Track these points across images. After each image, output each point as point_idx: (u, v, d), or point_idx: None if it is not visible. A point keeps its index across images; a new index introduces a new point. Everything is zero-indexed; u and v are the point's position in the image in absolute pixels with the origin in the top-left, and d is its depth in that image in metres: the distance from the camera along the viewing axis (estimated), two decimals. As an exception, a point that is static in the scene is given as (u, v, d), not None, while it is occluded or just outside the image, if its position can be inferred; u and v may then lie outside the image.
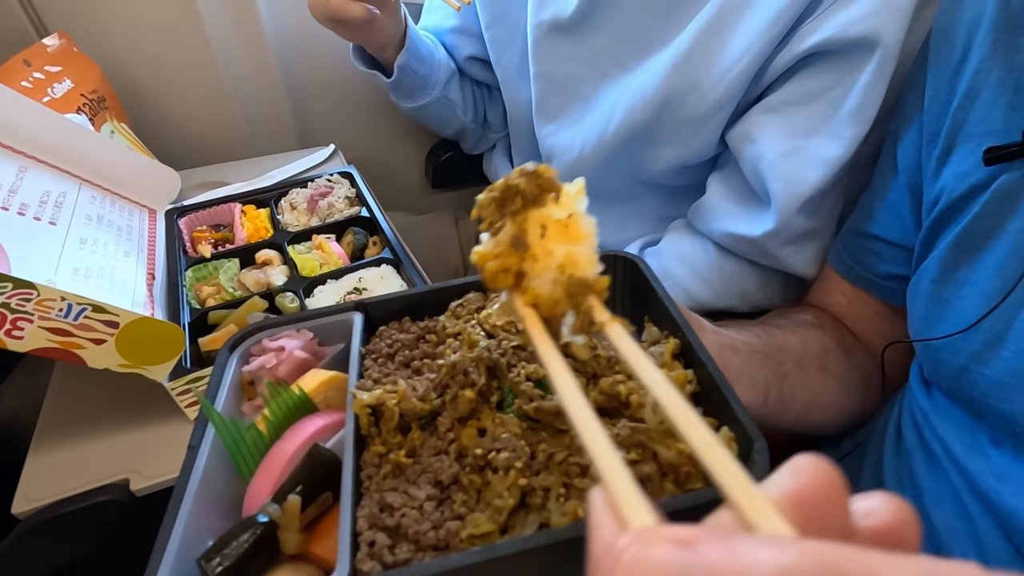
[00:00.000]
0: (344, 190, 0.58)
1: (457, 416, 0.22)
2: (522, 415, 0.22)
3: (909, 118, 0.40)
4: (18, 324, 0.31)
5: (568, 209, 0.19)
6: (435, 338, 0.26)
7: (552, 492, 0.20)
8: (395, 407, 0.22)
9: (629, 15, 0.54)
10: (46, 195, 0.44)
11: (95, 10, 0.64)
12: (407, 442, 0.22)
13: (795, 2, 0.43)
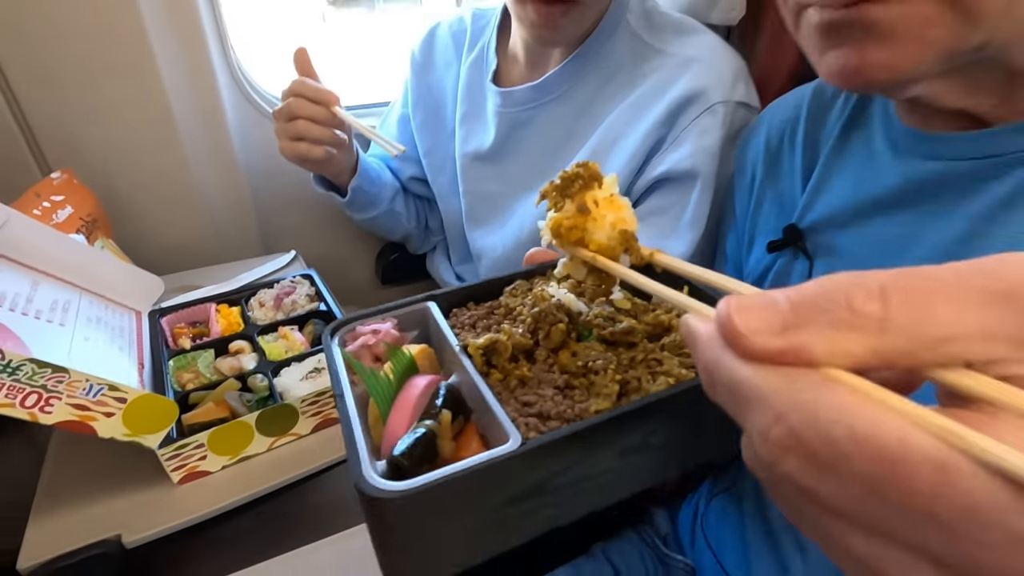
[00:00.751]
0: (305, 289, 0.70)
1: (552, 347, 0.30)
2: (600, 339, 0.31)
3: (729, 221, 0.56)
4: (50, 401, 0.40)
5: (610, 190, 0.28)
6: (502, 311, 0.34)
7: (643, 379, 0.28)
8: (507, 342, 0.29)
9: (532, 150, 0.70)
10: (55, 303, 0.53)
11: (91, 148, 0.76)
12: (520, 367, 0.29)
13: (643, 145, 0.60)
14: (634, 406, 0.26)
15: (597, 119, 0.64)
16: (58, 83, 0.72)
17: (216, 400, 0.53)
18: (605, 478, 0.27)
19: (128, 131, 0.77)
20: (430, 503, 0.23)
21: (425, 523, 0.24)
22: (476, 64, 0.75)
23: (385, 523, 0.23)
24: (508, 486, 0.25)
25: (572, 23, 0.59)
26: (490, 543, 0.26)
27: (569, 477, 0.26)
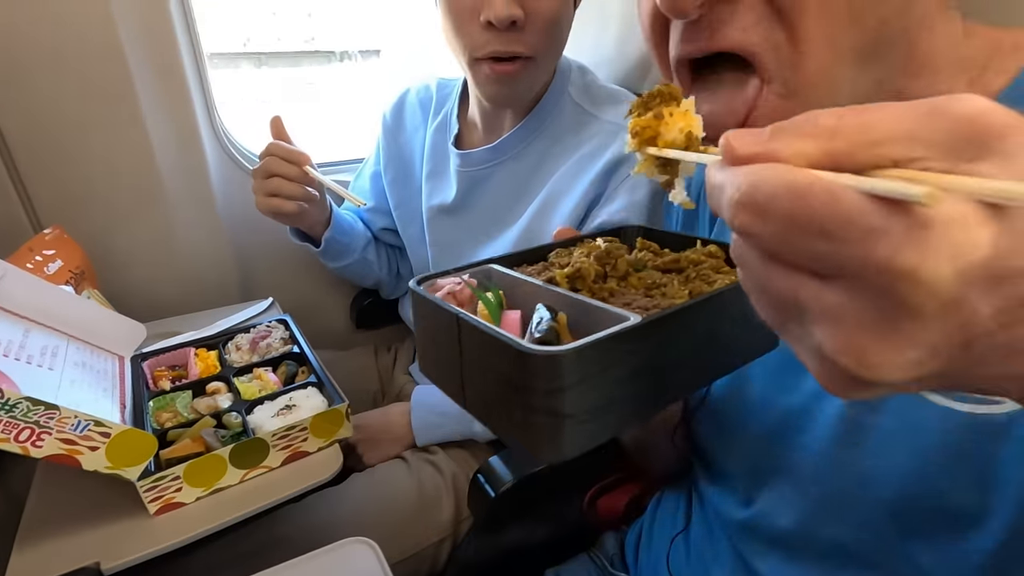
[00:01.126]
0: (280, 333, 0.75)
1: (619, 276, 0.36)
2: (655, 268, 0.37)
3: None
4: (41, 436, 0.44)
5: (687, 107, 0.33)
6: (556, 266, 0.39)
7: (700, 286, 0.34)
8: (591, 266, 0.34)
9: (489, 203, 0.78)
10: (45, 348, 0.58)
11: (81, 205, 0.82)
12: (607, 285, 0.34)
13: (584, 199, 0.68)
14: (713, 293, 0.32)
15: (546, 176, 0.73)
16: (52, 144, 0.79)
17: (192, 436, 0.57)
18: (692, 364, 0.32)
19: (117, 189, 0.84)
20: (588, 360, 0.27)
21: (586, 380, 0.27)
22: (440, 128, 0.83)
23: (560, 381, 0.26)
24: (634, 354, 0.29)
25: (523, 80, 0.67)
26: (623, 412, 0.30)
27: (678, 354, 0.31)
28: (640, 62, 0.78)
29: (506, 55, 0.62)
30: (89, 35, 0.75)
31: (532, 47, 0.63)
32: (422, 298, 0.34)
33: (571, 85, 0.73)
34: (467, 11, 0.61)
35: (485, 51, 0.62)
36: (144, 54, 0.80)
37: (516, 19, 0.60)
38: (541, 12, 0.61)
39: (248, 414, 0.60)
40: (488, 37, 0.61)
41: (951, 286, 0.15)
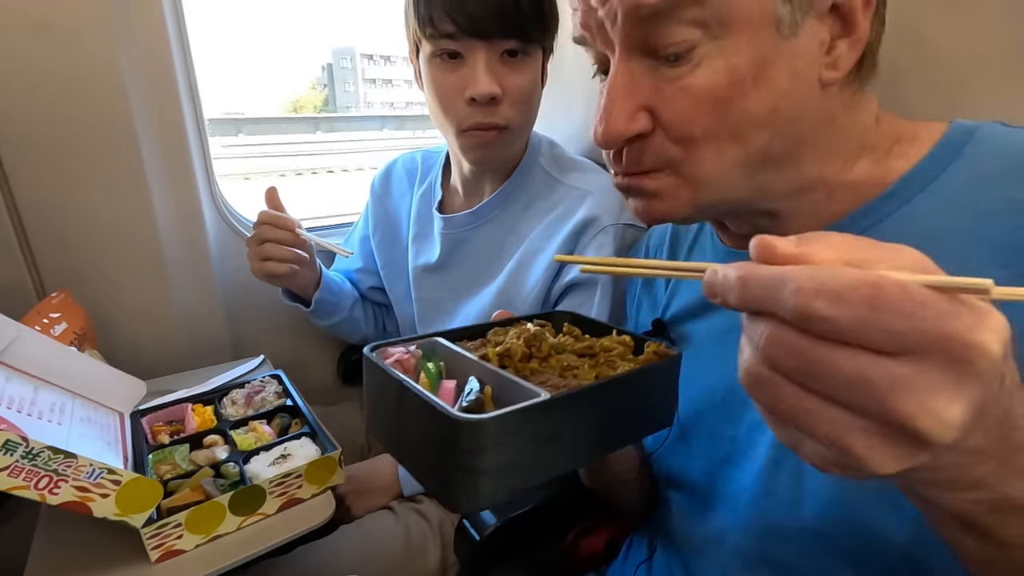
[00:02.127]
0: (274, 387, 0.79)
1: (542, 356, 0.43)
2: (572, 351, 0.45)
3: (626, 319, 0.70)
4: (58, 484, 0.48)
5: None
6: (492, 343, 0.45)
7: (606, 371, 0.42)
8: (519, 347, 0.42)
9: (470, 262, 0.85)
10: (54, 405, 0.61)
11: (85, 270, 0.87)
12: (530, 364, 0.41)
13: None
14: (615, 377, 0.40)
15: (520, 238, 0.80)
16: (61, 213, 0.84)
17: (192, 486, 0.60)
18: (593, 436, 0.39)
19: (120, 255, 0.89)
20: (506, 427, 0.33)
21: (503, 445, 0.33)
22: (425, 195, 0.91)
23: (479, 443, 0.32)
24: (544, 424, 0.35)
25: (501, 146, 0.75)
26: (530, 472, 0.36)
27: (577, 427, 0.37)
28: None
29: (486, 125, 0.71)
30: (102, 108, 0.82)
31: (507, 118, 0.72)
32: (372, 364, 0.40)
33: (542, 156, 0.82)
34: (452, 91, 0.70)
35: (469, 123, 0.71)
36: (151, 125, 0.87)
37: (495, 95, 0.69)
38: (515, 89, 0.71)
39: (245, 464, 0.64)
40: (471, 111, 0.70)
41: (1000, 355, 0.20)
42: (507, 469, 0.34)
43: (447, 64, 0.70)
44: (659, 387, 0.43)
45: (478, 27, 0.66)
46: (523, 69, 0.71)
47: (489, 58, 0.68)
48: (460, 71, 0.69)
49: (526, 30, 0.68)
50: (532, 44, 0.70)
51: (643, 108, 0.40)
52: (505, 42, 0.68)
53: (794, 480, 0.42)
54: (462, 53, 0.68)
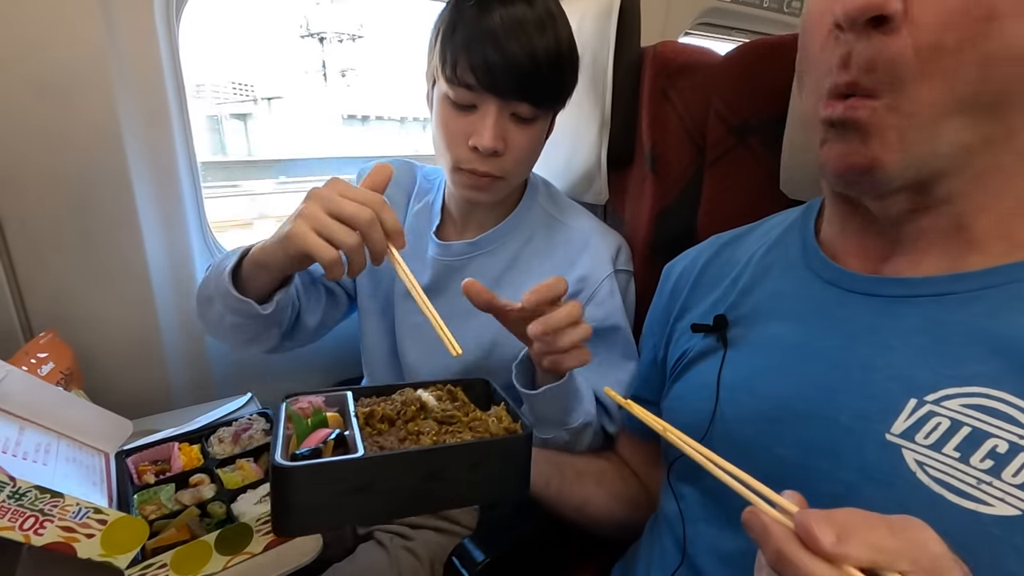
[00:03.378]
0: (261, 425, 0.79)
1: (406, 419, 0.50)
2: (434, 419, 0.51)
3: (649, 343, 0.69)
4: (44, 524, 0.47)
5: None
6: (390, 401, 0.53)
7: (452, 437, 0.48)
8: (380, 410, 0.49)
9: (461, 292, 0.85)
10: (39, 445, 0.61)
11: (73, 310, 0.87)
12: (383, 427, 0.49)
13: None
14: (428, 448, 0.45)
15: (520, 273, 0.82)
16: (54, 255, 0.85)
17: (178, 526, 0.60)
18: (411, 493, 0.45)
19: (110, 296, 0.90)
20: (311, 475, 0.41)
21: (308, 488, 0.41)
22: (422, 215, 0.88)
23: (286, 484, 0.41)
24: (352, 478, 0.42)
25: (494, 192, 0.77)
26: (340, 515, 0.43)
27: (389, 484, 0.44)
28: (584, 177, 0.92)
29: (482, 173, 0.73)
30: (99, 157, 0.84)
31: (505, 171, 0.74)
32: (278, 410, 0.50)
33: (539, 195, 0.85)
34: (459, 134, 0.72)
35: (468, 166, 0.73)
36: (146, 171, 0.89)
37: (498, 150, 0.71)
38: (518, 146, 0.73)
39: (232, 502, 0.63)
40: (472, 157, 0.72)
41: None
42: (314, 508, 0.42)
43: (459, 110, 0.71)
44: (498, 460, 0.48)
45: (497, 86, 0.67)
46: (529, 129, 0.73)
47: (500, 114, 0.69)
48: (469, 117, 0.71)
49: (541, 98, 0.70)
50: (544, 110, 0.72)
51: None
52: (519, 104, 0.69)
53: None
54: (476, 104, 0.70)
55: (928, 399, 0.40)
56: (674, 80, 0.77)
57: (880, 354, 0.43)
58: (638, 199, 0.87)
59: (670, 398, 0.61)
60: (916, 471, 0.39)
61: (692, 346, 0.59)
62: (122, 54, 0.83)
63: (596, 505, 0.69)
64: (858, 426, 0.43)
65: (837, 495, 0.43)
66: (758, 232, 0.61)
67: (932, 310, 0.43)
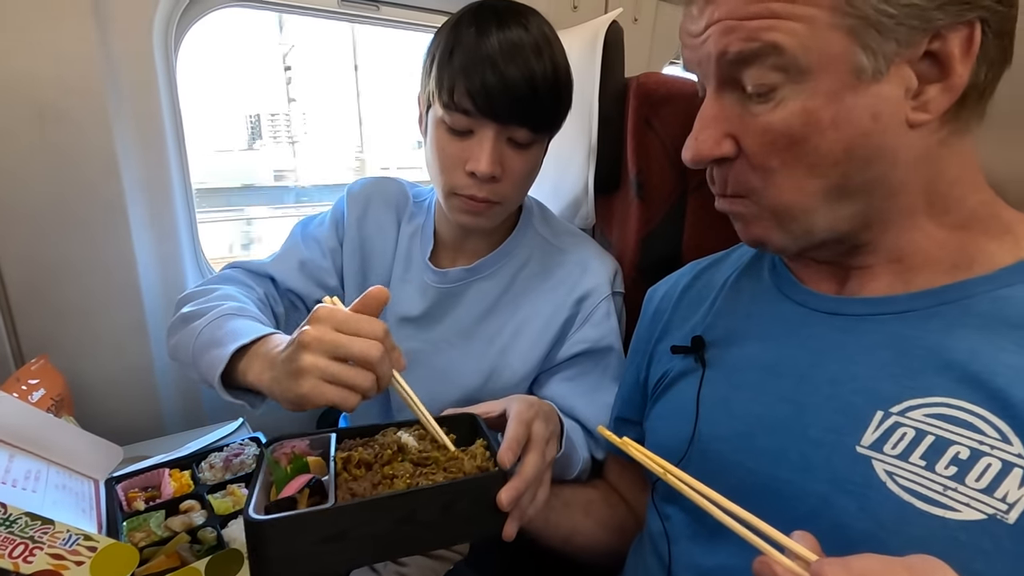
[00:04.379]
0: (253, 450, 0.79)
1: (383, 462, 0.50)
2: (411, 461, 0.51)
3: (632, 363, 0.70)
4: (33, 552, 0.47)
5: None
6: (371, 443, 0.53)
7: (426, 479, 0.48)
8: (357, 455, 0.49)
9: (459, 317, 0.83)
10: (28, 472, 0.61)
11: (65, 338, 0.88)
12: (359, 471, 0.48)
13: (555, 324, 0.78)
14: (394, 492, 0.45)
15: (517, 297, 0.82)
16: (46, 283, 0.86)
17: (168, 553, 0.59)
18: (386, 538, 0.45)
19: (102, 322, 0.90)
20: (283, 528, 0.42)
21: (281, 540, 0.42)
22: (414, 238, 0.86)
23: (259, 538, 0.42)
24: (322, 527, 0.42)
25: (489, 217, 0.77)
26: (317, 564, 0.43)
27: (362, 531, 0.44)
28: (572, 202, 0.94)
29: (480, 199, 0.72)
30: (95, 184, 0.85)
31: (502, 196, 0.74)
32: (260, 457, 0.51)
33: (535, 218, 0.85)
34: (455, 159, 0.71)
35: (464, 192, 0.72)
36: (141, 198, 0.90)
37: (496, 176, 0.70)
38: (516, 171, 0.72)
39: (223, 528, 0.63)
40: (469, 183, 0.71)
41: None
42: (290, 560, 0.42)
43: (455, 134, 0.70)
44: (471, 500, 0.47)
45: (495, 111, 0.66)
46: (527, 153, 0.72)
47: (497, 139, 0.69)
48: (466, 142, 0.70)
49: (539, 122, 0.70)
50: (541, 135, 0.72)
51: (729, 135, 0.44)
52: (517, 129, 0.69)
53: None
54: (473, 130, 0.69)
55: (893, 410, 0.42)
56: (657, 109, 0.80)
57: (846, 369, 0.46)
58: (624, 223, 0.89)
59: (652, 418, 0.63)
60: (886, 481, 0.40)
61: (672, 367, 0.60)
62: (119, 80, 0.85)
63: (583, 535, 0.69)
64: (828, 439, 0.44)
65: (812, 508, 0.44)
66: (733, 257, 0.64)
67: (894, 326, 0.45)
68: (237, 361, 0.58)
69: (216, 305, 0.68)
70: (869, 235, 0.46)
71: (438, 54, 0.69)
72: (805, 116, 0.40)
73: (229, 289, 0.75)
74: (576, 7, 1.18)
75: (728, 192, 0.47)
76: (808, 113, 0.40)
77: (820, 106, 0.40)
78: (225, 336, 0.61)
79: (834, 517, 0.42)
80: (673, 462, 0.55)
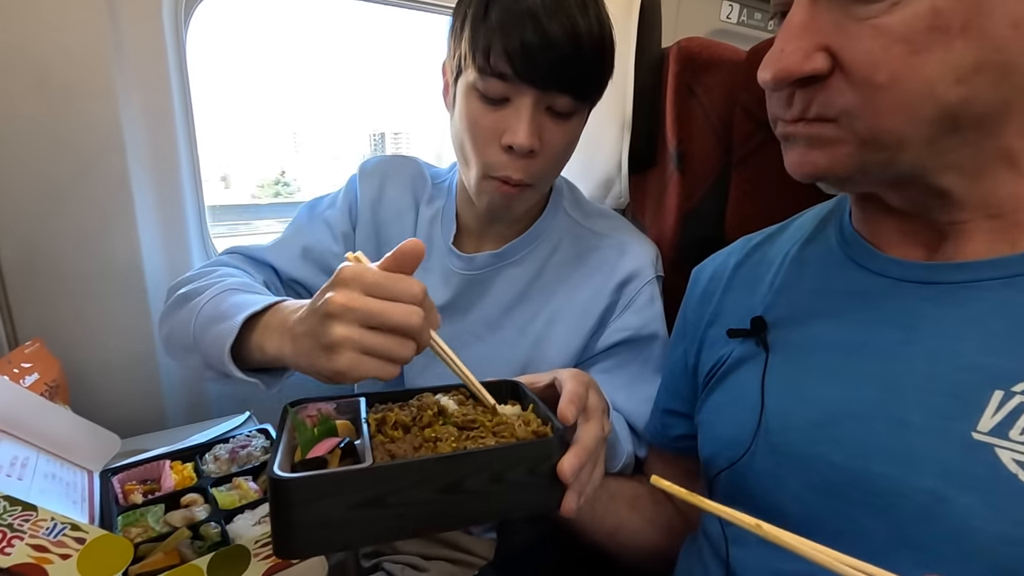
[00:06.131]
0: (260, 442, 0.73)
1: (423, 425, 0.45)
2: (454, 423, 0.46)
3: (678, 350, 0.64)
4: (12, 542, 0.41)
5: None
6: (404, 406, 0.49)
7: (474, 443, 0.42)
8: (393, 416, 0.45)
9: (486, 305, 0.77)
10: (15, 459, 0.55)
11: (62, 321, 0.82)
12: (397, 433, 0.44)
13: (595, 309, 0.71)
14: (445, 455, 0.40)
15: (548, 284, 0.75)
16: (44, 263, 0.81)
17: (166, 550, 0.53)
18: (428, 508, 0.39)
19: (103, 306, 0.85)
20: (313, 488, 0.36)
21: (310, 503, 0.36)
22: (434, 222, 0.80)
23: (286, 499, 0.36)
24: (358, 490, 0.37)
25: (522, 201, 0.70)
26: (348, 533, 0.38)
27: (402, 497, 0.38)
28: (603, 182, 0.88)
29: (515, 181, 0.65)
30: (99, 159, 0.81)
31: (537, 177, 0.67)
32: (282, 418, 0.46)
33: (564, 200, 0.79)
34: (489, 131, 0.63)
35: (500, 173, 0.65)
36: (147, 178, 0.86)
37: (535, 149, 0.63)
38: (555, 144, 0.65)
39: (227, 523, 0.57)
40: (505, 160, 0.64)
41: None
42: (319, 526, 0.37)
43: (490, 104, 0.63)
44: (526, 468, 0.41)
45: (535, 74, 0.59)
46: (567, 125, 0.65)
47: (536, 107, 0.62)
48: (502, 112, 0.62)
49: (582, 88, 0.63)
50: (584, 103, 0.65)
51: (823, 48, 0.37)
52: (558, 97, 0.62)
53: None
54: (510, 97, 0.62)
55: (1017, 389, 0.36)
56: (700, 76, 0.74)
57: (948, 345, 0.40)
58: (660, 201, 0.83)
59: (707, 410, 0.56)
60: (1018, 472, 0.34)
61: (728, 353, 0.55)
62: (127, 54, 0.81)
63: (629, 531, 0.62)
64: (933, 425, 0.38)
65: (923, 508, 0.37)
66: (790, 229, 0.58)
67: (1005, 293, 0.39)
68: (248, 336, 0.52)
69: (216, 282, 0.62)
70: (957, 180, 0.39)
71: (471, 12, 0.62)
72: (933, 18, 0.33)
73: (228, 270, 0.68)
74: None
75: (811, 115, 0.39)
76: (937, 14, 0.33)
77: (951, 6, 0.33)
78: (231, 308, 0.54)
79: (954, 517, 0.36)
80: (735, 457, 0.49)
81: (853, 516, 0.41)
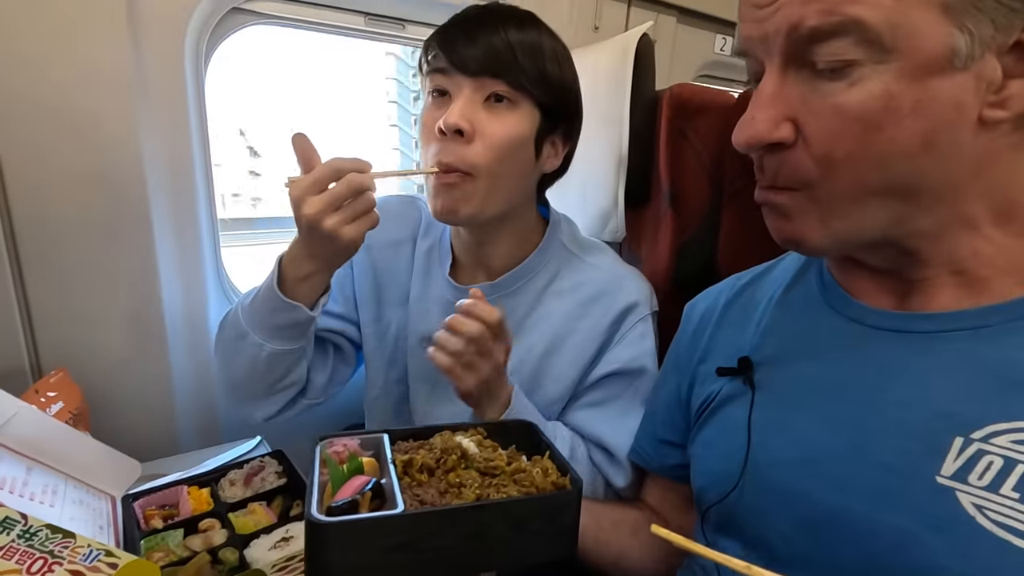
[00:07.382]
0: (274, 467, 0.76)
1: (446, 469, 0.46)
2: (476, 469, 0.46)
3: (666, 379, 0.67)
4: (52, 567, 0.44)
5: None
6: (428, 446, 0.49)
7: (496, 491, 0.43)
8: (420, 459, 0.46)
9: None
10: (46, 486, 0.58)
11: (84, 350, 0.86)
12: (423, 476, 0.45)
13: (592, 342, 0.74)
14: (468, 504, 0.42)
15: (545, 315, 0.77)
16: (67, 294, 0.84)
17: (189, 573, 0.56)
18: (454, 553, 0.41)
19: (122, 336, 0.88)
20: (349, 532, 0.38)
21: (346, 546, 0.38)
22: (431, 254, 0.83)
23: (323, 542, 0.38)
24: (391, 535, 0.39)
25: (465, 197, 0.68)
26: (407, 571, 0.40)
27: (430, 543, 0.40)
28: (600, 215, 0.93)
29: (445, 166, 0.67)
30: (120, 193, 0.84)
31: (474, 164, 0.67)
32: (312, 455, 0.47)
33: (561, 233, 0.81)
34: (431, 124, 0.68)
35: (434, 160, 0.68)
36: (166, 210, 0.89)
37: (462, 129, 0.65)
38: (490, 134, 0.67)
39: (244, 548, 0.60)
40: (440, 147, 0.67)
41: None
42: (352, 569, 0.39)
43: (435, 102, 0.69)
44: (546, 518, 0.44)
45: (465, 63, 0.66)
46: (505, 116, 0.68)
47: (472, 97, 0.67)
48: (443, 108, 0.67)
49: (515, 75, 0.67)
50: (521, 92, 0.68)
51: (788, 119, 0.40)
52: (493, 83, 0.66)
53: None
54: (449, 91, 0.68)
55: (975, 436, 0.38)
56: (691, 120, 0.79)
57: (916, 391, 0.42)
58: (655, 236, 0.87)
59: (698, 443, 0.59)
60: (975, 515, 0.37)
61: (717, 389, 0.57)
62: (149, 93, 0.85)
63: (632, 558, 0.64)
64: (905, 468, 0.41)
65: (893, 543, 0.40)
66: (776, 271, 0.61)
67: (968, 344, 0.41)
68: (283, 287, 0.68)
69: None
70: (923, 243, 0.43)
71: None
72: (886, 99, 0.36)
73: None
74: (597, 28, 1.19)
75: (778, 184, 0.43)
76: (890, 97, 0.36)
77: (903, 90, 0.36)
78: (262, 283, 0.70)
79: (920, 555, 0.38)
80: (724, 491, 0.52)
81: (834, 550, 0.43)
